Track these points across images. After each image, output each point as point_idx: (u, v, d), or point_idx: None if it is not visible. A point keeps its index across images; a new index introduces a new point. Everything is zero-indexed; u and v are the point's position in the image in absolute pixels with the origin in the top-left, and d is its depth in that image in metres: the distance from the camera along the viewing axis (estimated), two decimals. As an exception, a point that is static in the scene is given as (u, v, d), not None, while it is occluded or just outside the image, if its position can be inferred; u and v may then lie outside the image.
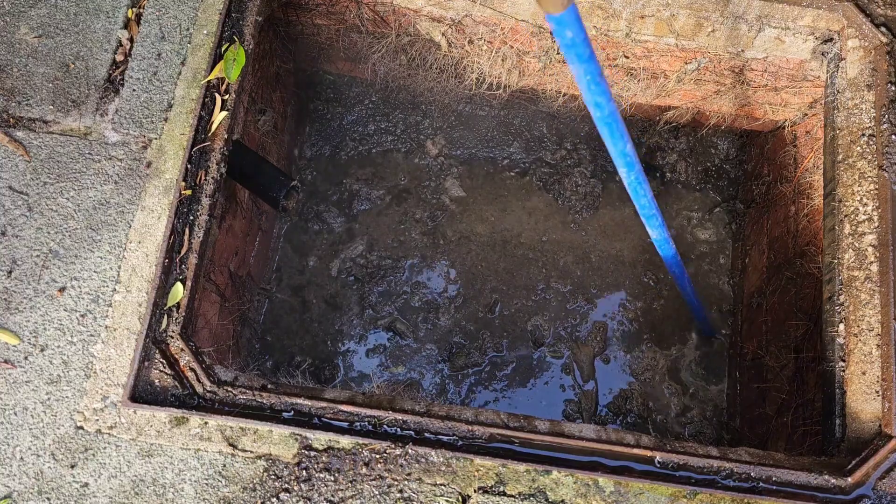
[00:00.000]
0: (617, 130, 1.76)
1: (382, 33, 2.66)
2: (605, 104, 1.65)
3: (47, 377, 1.83)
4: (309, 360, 3.04)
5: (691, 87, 2.77)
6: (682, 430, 3.03)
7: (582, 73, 1.54)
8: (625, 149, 1.82)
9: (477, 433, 1.81)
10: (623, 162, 1.89)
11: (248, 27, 2.16)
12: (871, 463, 1.80)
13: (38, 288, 1.91)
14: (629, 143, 1.82)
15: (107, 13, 2.19)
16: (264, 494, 1.76)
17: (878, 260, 1.99)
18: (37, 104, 2.08)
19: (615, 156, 1.86)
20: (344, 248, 3.23)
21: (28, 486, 1.75)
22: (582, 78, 1.55)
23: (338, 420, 1.82)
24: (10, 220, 1.96)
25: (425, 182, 3.35)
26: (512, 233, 3.29)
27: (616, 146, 1.81)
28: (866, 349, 1.93)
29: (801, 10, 2.24)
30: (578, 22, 1.40)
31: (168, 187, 1.99)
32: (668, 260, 2.51)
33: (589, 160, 3.40)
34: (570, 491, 1.78)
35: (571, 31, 1.41)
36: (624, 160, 1.88)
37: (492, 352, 3.10)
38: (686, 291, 2.82)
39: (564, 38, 1.43)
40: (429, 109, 3.40)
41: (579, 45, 1.45)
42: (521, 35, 2.54)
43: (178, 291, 1.90)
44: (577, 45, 1.45)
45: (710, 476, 1.80)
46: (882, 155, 2.07)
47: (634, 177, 1.95)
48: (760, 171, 3.18)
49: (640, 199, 2.07)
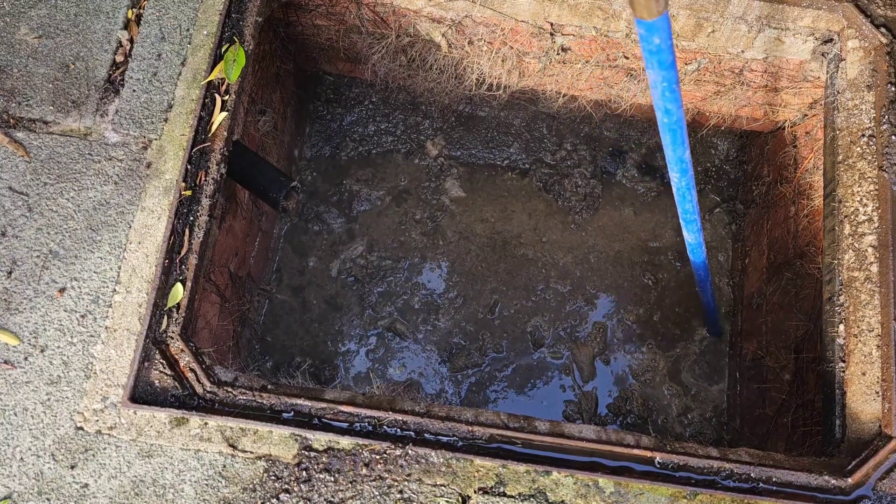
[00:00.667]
0: (680, 137, 1.80)
1: (382, 34, 2.66)
2: (675, 111, 1.68)
3: (47, 378, 1.83)
4: (309, 360, 3.04)
5: (691, 87, 2.77)
6: (683, 431, 3.03)
7: (659, 80, 1.55)
8: (683, 155, 1.86)
9: (477, 434, 1.81)
10: (679, 168, 1.93)
11: (248, 28, 2.16)
12: (871, 463, 1.79)
13: (38, 288, 1.91)
14: (687, 150, 1.86)
15: (107, 14, 2.19)
16: (264, 495, 1.76)
17: (878, 260, 1.99)
18: (37, 105, 2.08)
19: (673, 160, 1.90)
20: (344, 249, 3.23)
21: (28, 487, 1.75)
22: (658, 84, 1.57)
23: (338, 421, 1.82)
24: (10, 221, 1.96)
25: (425, 183, 3.35)
26: (512, 233, 3.29)
27: (675, 152, 1.86)
28: (866, 350, 1.93)
29: (801, 11, 2.24)
30: (668, 29, 1.41)
31: (168, 188, 1.99)
32: (697, 263, 2.56)
33: (589, 161, 3.40)
34: (570, 491, 1.78)
35: (660, 37, 1.42)
36: (679, 166, 1.92)
37: (492, 352, 3.10)
38: (706, 293, 2.87)
39: (650, 44, 1.44)
40: (429, 110, 3.40)
41: (664, 51, 1.47)
42: (521, 36, 2.54)
43: (177, 292, 1.90)
44: (662, 52, 1.47)
45: (710, 476, 1.80)
46: (882, 155, 2.07)
47: (686, 182, 2.00)
48: (760, 172, 3.18)
49: (684, 204, 2.12)
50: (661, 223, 3.34)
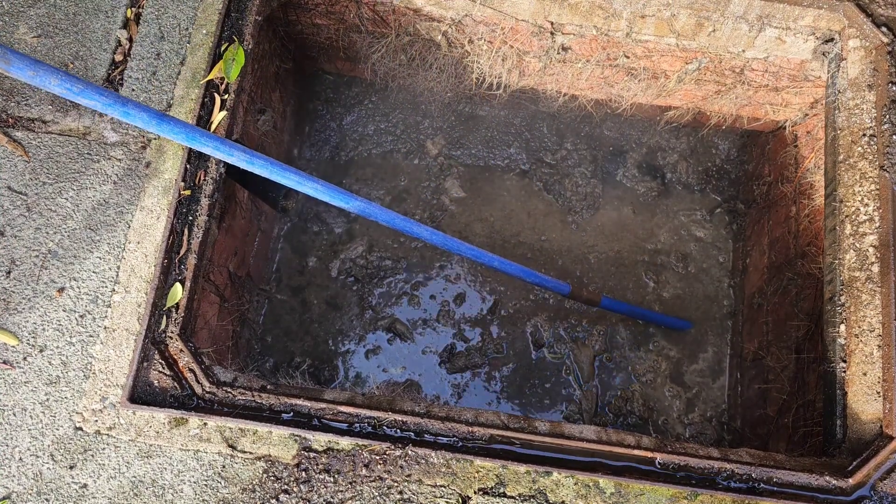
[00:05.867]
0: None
1: (382, 33, 2.65)
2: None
3: (46, 378, 1.82)
4: (308, 360, 3.03)
5: (692, 87, 2.77)
6: (683, 431, 3.02)
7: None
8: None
9: (477, 434, 1.81)
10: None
11: (247, 27, 2.16)
12: (872, 464, 1.79)
13: (36, 288, 1.90)
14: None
15: (106, 13, 2.18)
16: (264, 496, 1.75)
17: (879, 260, 1.98)
18: (36, 104, 2.08)
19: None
20: (344, 249, 3.22)
21: (27, 487, 1.75)
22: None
23: (337, 421, 1.81)
24: (8, 221, 1.96)
25: (425, 182, 3.34)
26: (511, 232, 3.28)
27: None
28: (867, 350, 1.92)
29: (802, 10, 2.23)
30: None
31: (167, 187, 1.98)
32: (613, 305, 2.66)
33: (589, 160, 3.39)
34: (571, 492, 1.77)
35: None
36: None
37: (492, 353, 3.10)
38: (637, 315, 3.03)
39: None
40: (429, 109, 3.39)
41: None
42: (521, 35, 2.54)
43: (177, 292, 1.89)
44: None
45: (711, 477, 1.80)
46: (883, 155, 2.06)
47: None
48: (761, 172, 3.17)
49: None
50: (662, 223, 3.33)
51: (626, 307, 2.99)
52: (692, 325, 3.17)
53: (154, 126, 1.67)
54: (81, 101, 1.54)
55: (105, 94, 1.57)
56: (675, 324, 3.12)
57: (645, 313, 3.07)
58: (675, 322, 3.12)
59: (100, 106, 1.58)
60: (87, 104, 1.56)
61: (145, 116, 1.65)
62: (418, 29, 2.59)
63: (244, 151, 1.81)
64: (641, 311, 3.06)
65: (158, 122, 1.67)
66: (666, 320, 3.10)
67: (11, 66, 1.42)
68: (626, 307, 2.99)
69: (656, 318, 3.09)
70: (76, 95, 1.52)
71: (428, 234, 2.21)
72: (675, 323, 3.12)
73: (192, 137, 1.74)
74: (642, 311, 3.07)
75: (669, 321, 3.10)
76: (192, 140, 1.74)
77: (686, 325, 3.15)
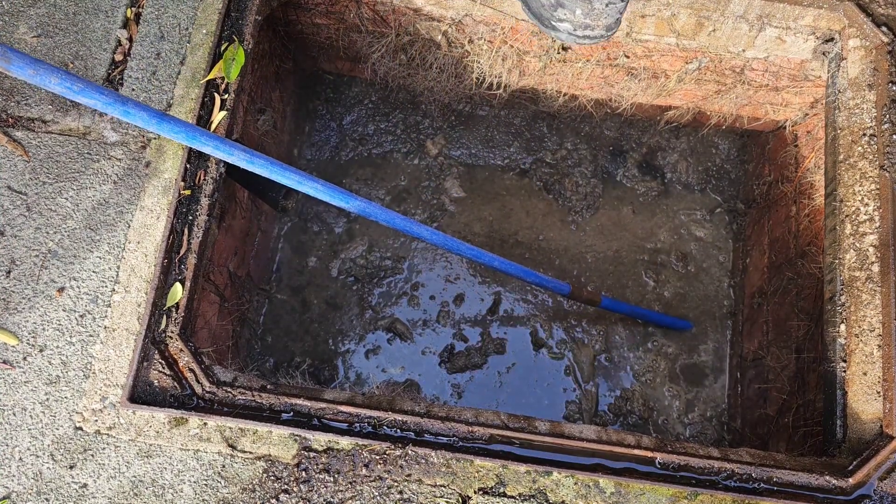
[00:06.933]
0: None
1: (382, 33, 2.65)
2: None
3: (46, 378, 1.82)
4: (308, 360, 3.03)
5: (692, 86, 2.77)
6: (684, 431, 3.02)
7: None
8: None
9: (477, 434, 1.81)
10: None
11: (247, 27, 2.16)
12: (873, 464, 1.79)
13: (36, 288, 1.90)
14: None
15: (106, 13, 2.18)
16: (263, 495, 1.75)
17: (880, 260, 1.98)
18: (35, 104, 2.08)
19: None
20: (344, 249, 3.22)
21: (27, 487, 1.74)
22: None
23: (337, 421, 1.81)
24: (8, 220, 1.96)
25: (425, 182, 3.34)
26: (510, 232, 3.28)
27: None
28: (867, 350, 1.92)
29: (802, 10, 2.23)
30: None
31: (167, 187, 1.98)
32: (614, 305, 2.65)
33: (589, 160, 3.39)
34: (571, 492, 1.77)
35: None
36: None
37: (492, 353, 3.10)
38: (637, 315, 3.02)
39: None
40: (429, 109, 3.39)
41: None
42: (521, 34, 2.54)
43: (177, 292, 1.89)
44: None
45: (711, 477, 1.80)
46: (883, 155, 2.06)
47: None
48: (761, 172, 3.17)
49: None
50: (662, 223, 3.33)
51: (627, 307, 2.99)
52: (693, 326, 3.17)
53: (154, 125, 1.67)
54: (81, 100, 1.54)
55: (105, 93, 1.57)
56: (675, 324, 3.12)
57: (645, 313, 3.07)
58: (676, 322, 3.12)
59: (100, 105, 1.58)
60: (87, 103, 1.56)
61: (145, 116, 1.64)
62: (418, 28, 2.59)
63: (244, 151, 1.81)
64: (642, 312, 3.07)
65: (158, 121, 1.67)
66: (666, 320, 3.10)
67: (12, 64, 1.42)
68: (627, 307, 2.99)
69: (657, 319, 3.09)
70: (76, 94, 1.52)
71: (428, 234, 2.21)
72: (675, 323, 3.12)
73: (193, 137, 1.73)
74: (643, 312, 3.07)
75: (670, 321, 3.11)
76: (193, 139, 1.74)
77: (687, 325, 3.15)
